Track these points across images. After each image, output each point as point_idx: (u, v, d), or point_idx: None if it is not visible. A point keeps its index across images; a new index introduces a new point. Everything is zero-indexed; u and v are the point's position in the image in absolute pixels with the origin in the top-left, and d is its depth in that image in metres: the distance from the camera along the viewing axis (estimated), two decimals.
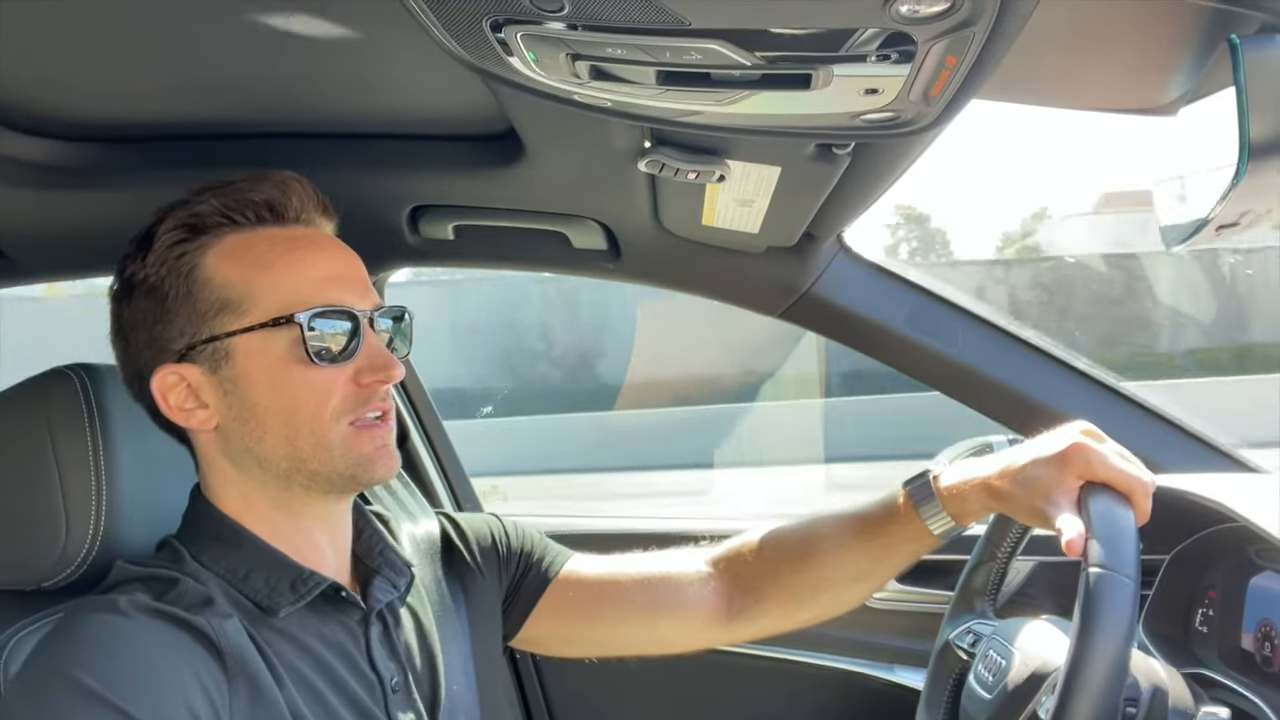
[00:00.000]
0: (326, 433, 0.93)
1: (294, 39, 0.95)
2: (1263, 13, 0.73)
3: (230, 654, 0.85)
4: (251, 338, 0.92)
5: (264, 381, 0.92)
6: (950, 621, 1.20)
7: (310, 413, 0.92)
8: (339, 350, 0.93)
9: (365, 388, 0.94)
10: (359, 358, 0.94)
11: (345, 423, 0.93)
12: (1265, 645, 1.06)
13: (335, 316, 0.93)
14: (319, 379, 0.92)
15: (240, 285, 0.92)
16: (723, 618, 1.18)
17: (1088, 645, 0.83)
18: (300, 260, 0.94)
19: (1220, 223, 0.83)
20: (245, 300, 0.92)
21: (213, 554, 0.94)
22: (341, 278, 0.96)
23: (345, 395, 0.93)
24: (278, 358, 0.92)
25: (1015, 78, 0.88)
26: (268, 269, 0.93)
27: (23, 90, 1.06)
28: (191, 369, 0.94)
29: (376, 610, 1.00)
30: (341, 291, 0.94)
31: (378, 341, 0.96)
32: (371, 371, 0.94)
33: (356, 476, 0.95)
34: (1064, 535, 0.89)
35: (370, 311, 0.96)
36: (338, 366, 0.93)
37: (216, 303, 0.92)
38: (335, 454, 0.93)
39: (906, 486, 1.09)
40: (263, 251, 0.94)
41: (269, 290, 0.92)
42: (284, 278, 0.93)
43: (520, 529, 1.23)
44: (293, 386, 0.92)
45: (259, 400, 0.93)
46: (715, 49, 0.68)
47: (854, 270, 1.48)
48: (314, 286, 0.93)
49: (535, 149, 1.15)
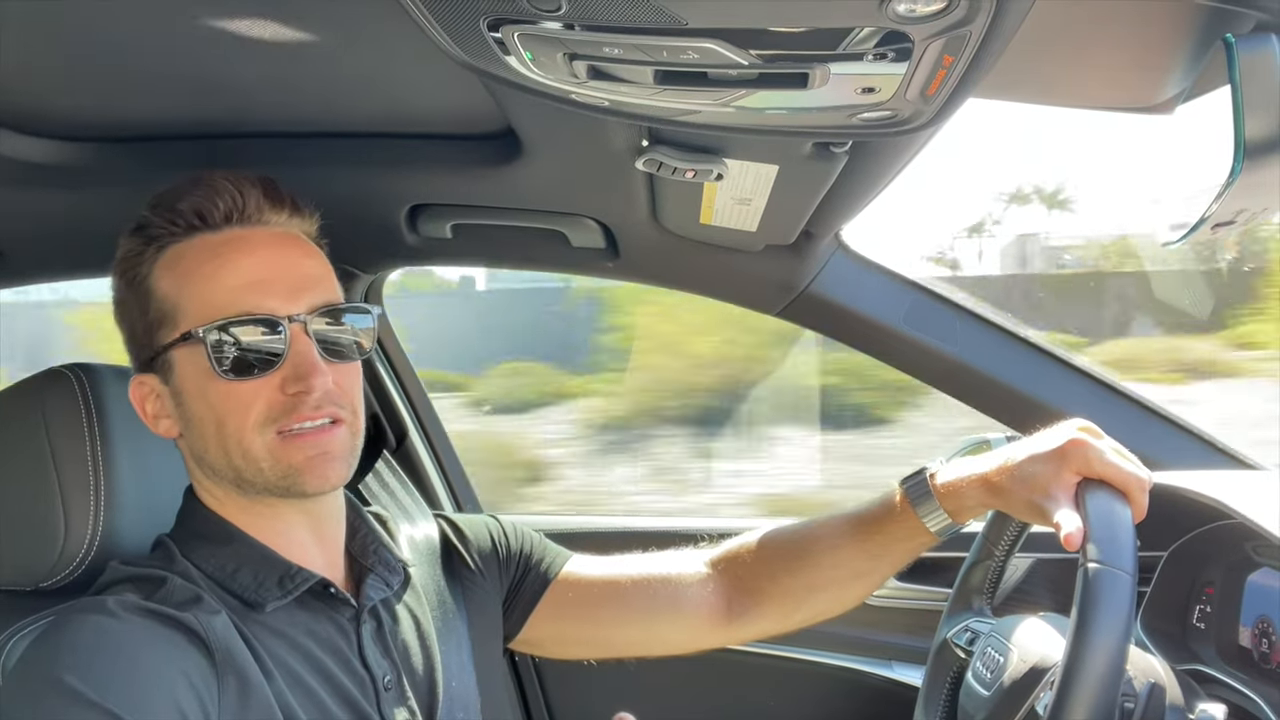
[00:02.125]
0: (250, 444, 0.91)
1: (291, 39, 0.95)
2: (1258, 12, 0.73)
3: (219, 650, 0.85)
4: (180, 351, 0.92)
5: (195, 393, 0.93)
6: (948, 620, 1.21)
7: (234, 424, 0.91)
8: (255, 361, 0.91)
9: (291, 397, 0.92)
10: (284, 366, 0.91)
11: (270, 433, 0.91)
12: (1262, 641, 1.06)
13: (250, 326, 0.90)
14: (238, 391, 0.91)
15: (174, 297, 0.92)
16: (722, 618, 1.18)
17: (1086, 640, 0.83)
18: (220, 269, 0.92)
19: (1216, 220, 0.83)
20: (176, 313, 0.92)
21: (203, 552, 0.94)
22: (264, 281, 0.92)
23: (270, 405, 0.91)
24: (201, 370, 0.91)
25: (1012, 76, 0.88)
26: (191, 279, 0.92)
27: (20, 90, 1.06)
28: (154, 379, 0.95)
29: (369, 608, 1.00)
30: (261, 296, 0.91)
31: (306, 347, 0.92)
32: (295, 380, 0.91)
33: (289, 488, 0.93)
34: (1062, 530, 0.89)
35: (302, 314, 0.92)
36: (260, 377, 0.91)
37: (157, 315, 0.93)
38: (263, 465, 0.92)
39: (903, 484, 1.09)
40: (190, 262, 0.93)
41: (193, 301, 0.92)
42: (203, 288, 0.92)
43: (519, 530, 1.23)
44: (217, 398, 0.91)
45: (194, 412, 0.93)
46: (712, 48, 0.68)
47: (852, 268, 1.49)
48: (230, 294, 0.91)
49: (533, 148, 1.15)
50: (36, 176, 1.20)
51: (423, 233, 1.45)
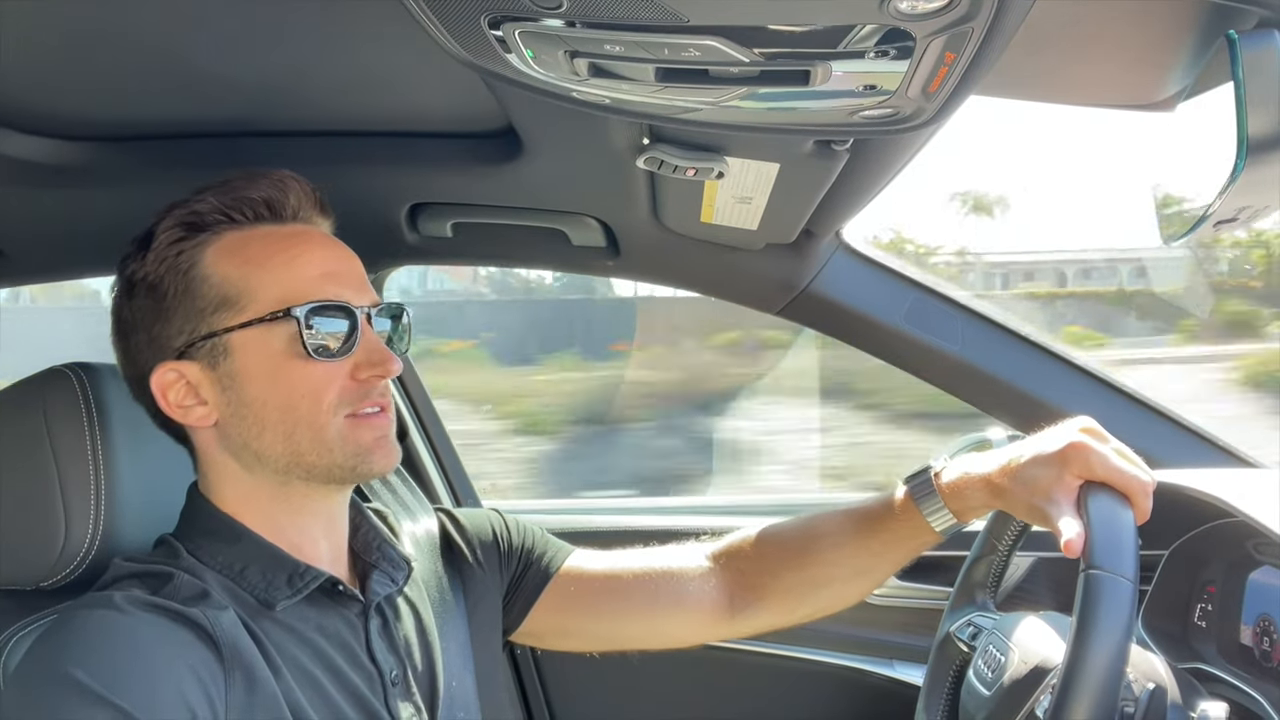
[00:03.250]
0: (324, 427, 0.93)
1: (293, 38, 0.95)
2: (1261, 8, 0.73)
3: (226, 645, 0.85)
4: (249, 333, 0.93)
5: (262, 376, 0.93)
6: (951, 614, 1.21)
7: (307, 407, 0.93)
8: (336, 345, 0.94)
9: (362, 383, 0.95)
10: (356, 353, 0.95)
11: (342, 416, 0.94)
12: (1264, 640, 1.06)
13: (332, 312, 0.94)
14: (316, 373, 0.93)
15: (238, 281, 0.93)
16: (724, 613, 1.19)
17: (1085, 647, 0.83)
18: (298, 257, 0.95)
19: (1219, 218, 0.83)
20: (243, 296, 0.93)
21: (209, 550, 0.94)
22: (338, 274, 0.96)
23: (342, 389, 0.94)
24: (275, 353, 0.92)
25: (1013, 73, 0.88)
26: (265, 265, 0.94)
27: (22, 90, 1.06)
28: (190, 366, 0.94)
29: (375, 603, 1.00)
30: (339, 287, 0.95)
31: (375, 337, 0.97)
32: (369, 366, 0.95)
33: (356, 468, 0.96)
34: (1063, 536, 0.89)
35: (368, 308, 0.97)
36: (335, 361, 0.94)
37: (215, 299, 0.93)
38: (334, 447, 0.94)
39: (908, 483, 1.09)
40: (260, 248, 0.94)
41: (267, 286, 0.93)
42: (282, 274, 0.94)
43: (521, 525, 1.24)
44: (290, 381, 0.93)
45: (257, 395, 0.93)
46: (713, 45, 0.68)
47: (853, 266, 1.48)
48: (311, 283, 0.94)
49: (534, 146, 1.15)
50: (38, 176, 1.19)
51: (423, 231, 1.45)
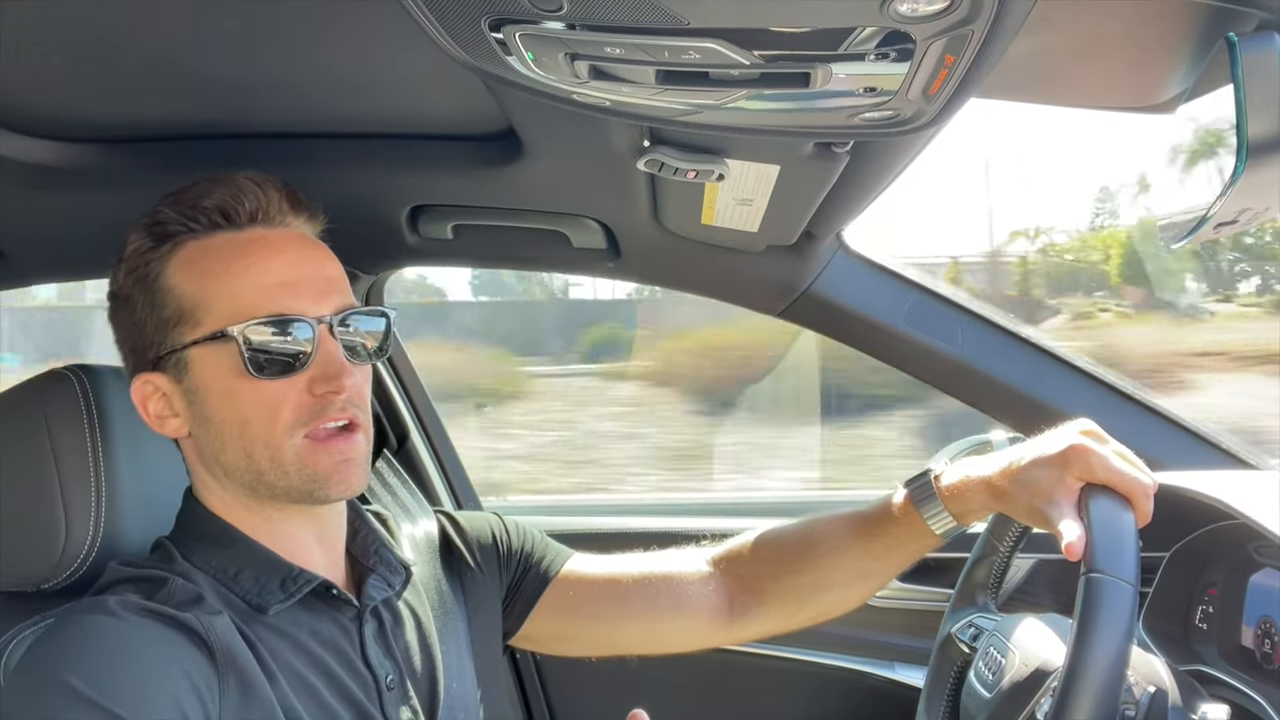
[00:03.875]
0: (280, 447, 0.91)
1: (292, 40, 0.95)
2: (1261, 10, 0.73)
3: (220, 650, 0.85)
4: (203, 350, 0.91)
5: (217, 394, 0.91)
6: (952, 614, 1.20)
7: (261, 426, 0.91)
8: (287, 361, 0.90)
9: (318, 398, 0.92)
10: (310, 367, 0.91)
11: (300, 436, 0.91)
12: (1265, 642, 1.06)
13: (281, 324, 0.90)
14: (267, 391, 0.90)
15: (194, 295, 0.91)
16: (724, 618, 1.18)
17: (1086, 651, 0.83)
18: (249, 267, 0.92)
19: (1219, 220, 0.83)
20: (198, 310, 0.91)
21: (204, 554, 0.94)
22: (294, 282, 0.92)
23: (298, 407, 0.91)
24: (227, 370, 0.90)
25: (1013, 76, 0.88)
26: (218, 277, 0.91)
27: (21, 91, 1.06)
28: (162, 378, 0.94)
29: (370, 608, 1.00)
30: (292, 298, 0.91)
31: (334, 349, 0.92)
32: (324, 381, 0.91)
33: (313, 493, 0.93)
34: (1064, 539, 0.89)
35: (329, 316, 0.93)
36: (287, 378, 0.91)
37: (175, 312, 0.92)
38: (290, 469, 0.91)
39: (908, 486, 1.08)
40: (216, 259, 0.92)
41: (218, 299, 0.91)
42: (232, 286, 0.91)
43: (521, 528, 1.23)
44: (242, 398, 0.90)
45: (215, 412, 0.92)
46: (714, 48, 0.68)
47: (853, 268, 1.48)
48: (261, 294, 0.91)
49: (534, 148, 1.15)
50: (38, 177, 1.20)
51: (424, 233, 1.45)
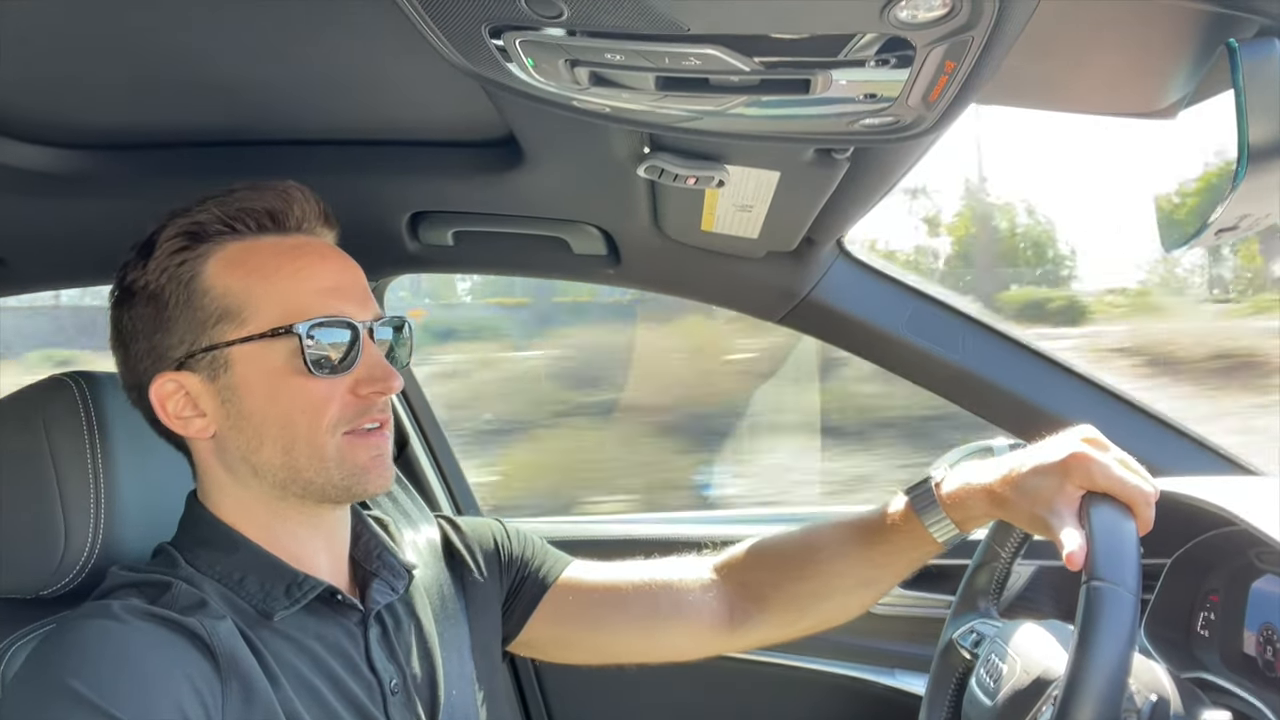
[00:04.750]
0: (323, 444, 0.93)
1: (293, 46, 0.95)
2: (1261, 16, 0.73)
3: (223, 655, 0.85)
4: (250, 347, 0.92)
5: (262, 391, 0.92)
6: (953, 621, 1.20)
7: (307, 423, 0.92)
8: (337, 361, 0.93)
9: (363, 399, 0.94)
10: (357, 368, 0.94)
11: (340, 433, 0.93)
12: (1267, 649, 1.06)
13: (334, 327, 0.93)
14: (317, 389, 0.92)
15: (240, 294, 0.92)
16: (724, 626, 1.18)
17: (1087, 659, 0.83)
18: (301, 270, 0.94)
19: (1220, 226, 0.83)
20: (245, 309, 0.92)
21: (207, 559, 0.94)
22: (342, 288, 0.95)
23: (343, 406, 0.93)
24: (276, 367, 0.92)
25: (1014, 82, 0.88)
26: (268, 278, 0.93)
27: (22, 98, 1.06)
28: (190, 377, 0.94)
29: (375, 612, 1.00)
30: (342, 302, 0.94)
31: (377, 352, 0.96)
32: (370, 382, 0.94)
33: (351, 488, 0.95)
34: (1065, 548, 0.88)
35: (370, 322, 0.96)
36: (336, 377, 0.93)
37: (216, 311, 0.92)
38: (330, 464, 0.93)
39: (909, 493, 1.08)
40: (263, 260, 0.94)
41: (269, 299, 0.92)
42: (284, 287, 0.93)
43: (521, 533, 1.23)
44: (290, 396, 0.92)
45: (256, 410, 0.93)
46: (714, 54, 0.68)
47: (854, 275, 1.48)
48: (314, 296, 0.93)
49: (534, 155, 1.15)
50: (38, 184, 1.20)
51: (424, 240, 1.45)
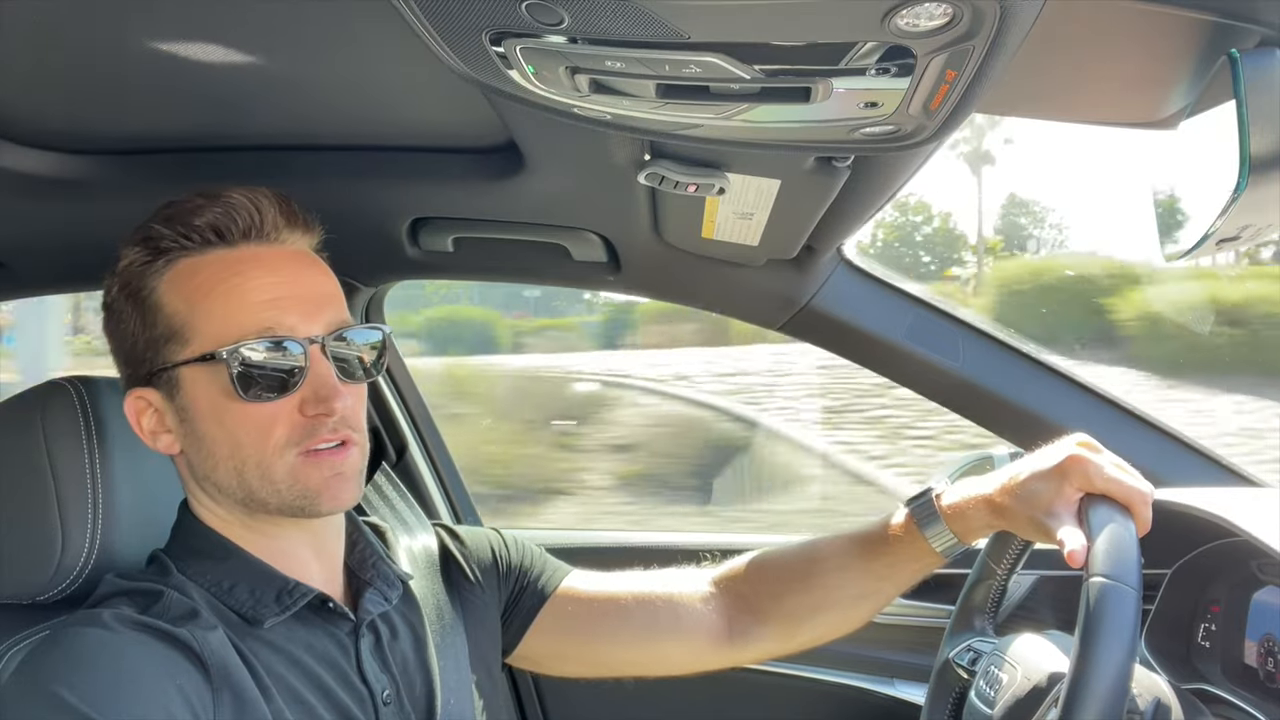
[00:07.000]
0: (271, 465, 0.90)
1: (296, 52, 0.95)
2: (1262, 27, 0.73)
3: (214, 665, 0.84)
4: (192, 370, 0.90)
5: (209, 413, 0.91)
6: (950, 639, 1.20)
7: (253, 444, 0.90)
8: (278, 381, 0.90)
9: (311, 419, 0.91)
10: (302, 389, 0.91)
11: (293, 454, 0.91)
12: (1268, 660, 1.06)
13: (271, 347, 0.89)
14: (259, 413, 0.90)
15: (184, 314, 0.91)
16: (724, 638, 1.17)
17: (1091, 654, 0.83)
18: (239, 287, 0.91)
19: (1221, 236, 0.82)
20: (187, 330, 0.90)
21: (199, 567, 0.93)
22: (284, 300, 0.91)
23: (290, 427, 0.90)
24: (217, 391, 0.90)
25: (1014, 91, 0.88)
26: (207, 297, 0.90)
27: (22, 103, 1.06)
28: (154, 394, 0.93)
29: (367, 621, 0.99)
30: (283, 315, 0.91)
31: (326, 369, 0.92)
32: (315, 403, 0.91)
33: (305, 508, 0.92)
34: (1065, 547, 0.89)
35: (320, 335, 0.92)
36: (279, 399, 0.90)
37: (165, 331, 0.91)
38: (281, 486, 0.91)
39: (909, 506, 1.08)
40: (205, 278, 0.91)
41: (207, 320, 0.90)
42: (221, 306, 0.90)
43: (520, 543, 1.22)
44: (235, 419, 0.90)
45: (207, 431, 0.91)
46: (714, 62, 0.68)
47: (854, 283, 1.48)
48: (251, 313, 0.90)
49: (535, 162, 1.15)
50: (37, 189, 1.20)
51: (424, 246, 1.45)
